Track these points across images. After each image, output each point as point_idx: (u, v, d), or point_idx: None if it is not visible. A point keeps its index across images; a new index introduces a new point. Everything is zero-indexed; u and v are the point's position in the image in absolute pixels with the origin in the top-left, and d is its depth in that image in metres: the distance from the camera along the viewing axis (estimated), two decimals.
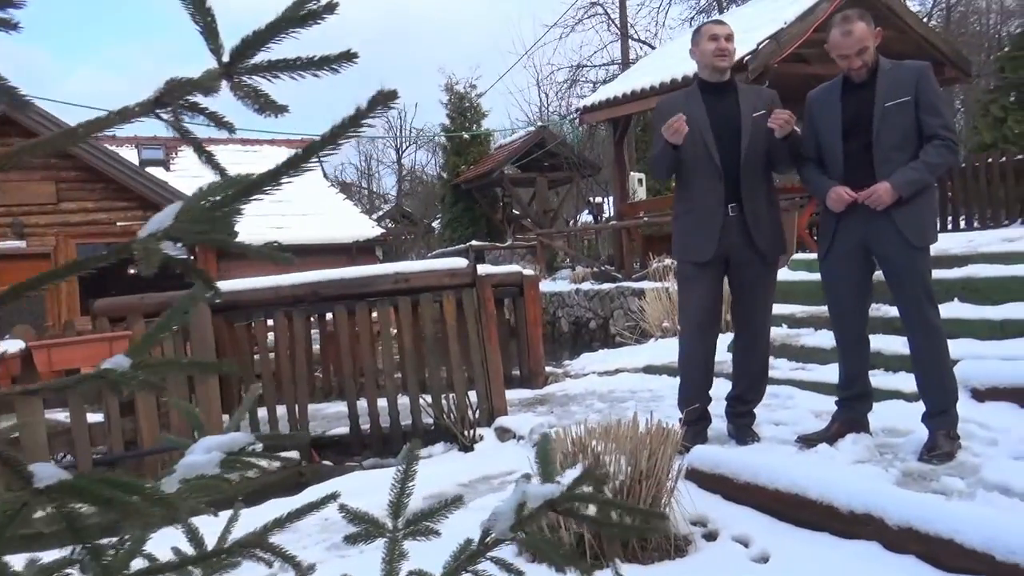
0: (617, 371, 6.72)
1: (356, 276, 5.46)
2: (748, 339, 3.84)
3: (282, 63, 0.83)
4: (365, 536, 1.08)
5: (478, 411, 5.29)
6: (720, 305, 3.89)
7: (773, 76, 9.49)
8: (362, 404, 5.46)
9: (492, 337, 5.37)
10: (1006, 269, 5.39)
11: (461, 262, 5.47)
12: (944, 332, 3.28)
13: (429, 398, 5.34)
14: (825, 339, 5.22)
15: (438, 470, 4.65)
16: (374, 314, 5.50)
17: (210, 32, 0.84)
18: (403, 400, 5.46)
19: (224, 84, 0.86)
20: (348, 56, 0.84)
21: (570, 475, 1.17)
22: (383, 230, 21.80)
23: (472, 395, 5.38)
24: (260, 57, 0.85)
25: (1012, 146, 10.90)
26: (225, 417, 5.59)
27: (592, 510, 1.02)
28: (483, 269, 5.86)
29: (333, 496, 0.98)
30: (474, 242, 18.94)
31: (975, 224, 9.45)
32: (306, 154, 0.69)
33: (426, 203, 33.75)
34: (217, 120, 0.77)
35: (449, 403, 5.23)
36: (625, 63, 21.62)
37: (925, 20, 20.48)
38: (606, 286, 12.06)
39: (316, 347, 6.94)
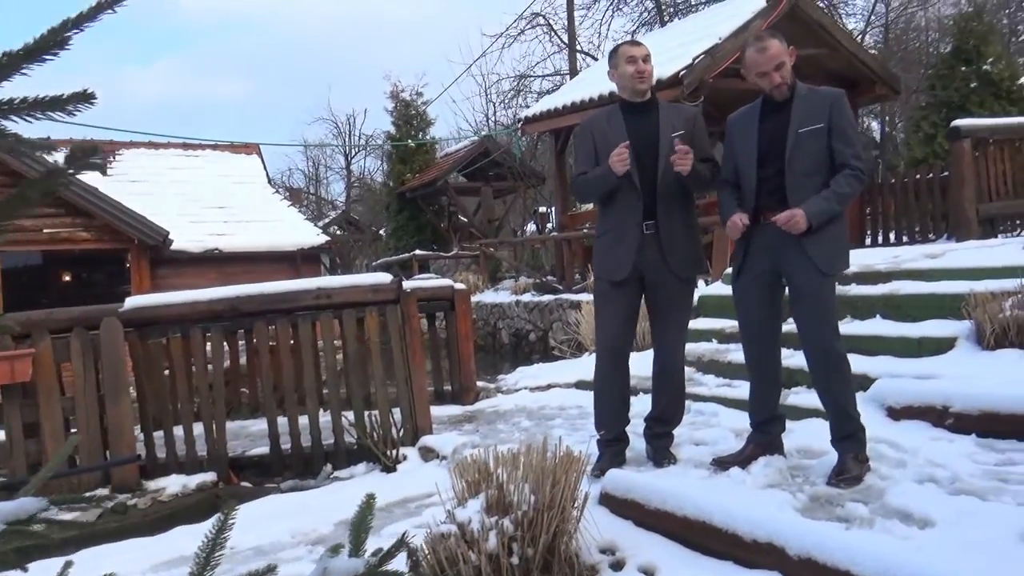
0: (549, 386, 6.67)
1: (277, 291, 5.30)
2: (664, 358, 3.81)
3: (7, 105, 0.74)
4: None
5: (402, 430, 5.18)
6: (635, 324, 3.85)
7: (708, 91, 9.57)
8: (284, 422, 5.31)
9: (417, 354, 5.26)
10: (926, 286, 5.45)
11: (385, 277, 5.35)
12: (845, 358, 3.27)
13: (352, 416, 5.20)
14: None
15: (356, 492, 4.45)
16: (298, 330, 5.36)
17: None
18: (326, 419, 5.33)
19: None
20: (84, 97, 0.75)
21: (386, 545, 1.10)
22: (328, 237, 21.44)
23: (397, 413, 5.27)
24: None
25: (942, 162, 11.17)
26: (140, 435, 5.38)
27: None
28: (411, 284, 5.75)
29: None
30: (418, 251, 18.79)
31: (903, 239, 9.64)
32: None
33: (375, 210, 33.33)
34: None
35: (372, 421, 5.11)
36: (573, 74, 21.69)
37: (860, 37, 20.94)
38: (546, 298, 11.99)
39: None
